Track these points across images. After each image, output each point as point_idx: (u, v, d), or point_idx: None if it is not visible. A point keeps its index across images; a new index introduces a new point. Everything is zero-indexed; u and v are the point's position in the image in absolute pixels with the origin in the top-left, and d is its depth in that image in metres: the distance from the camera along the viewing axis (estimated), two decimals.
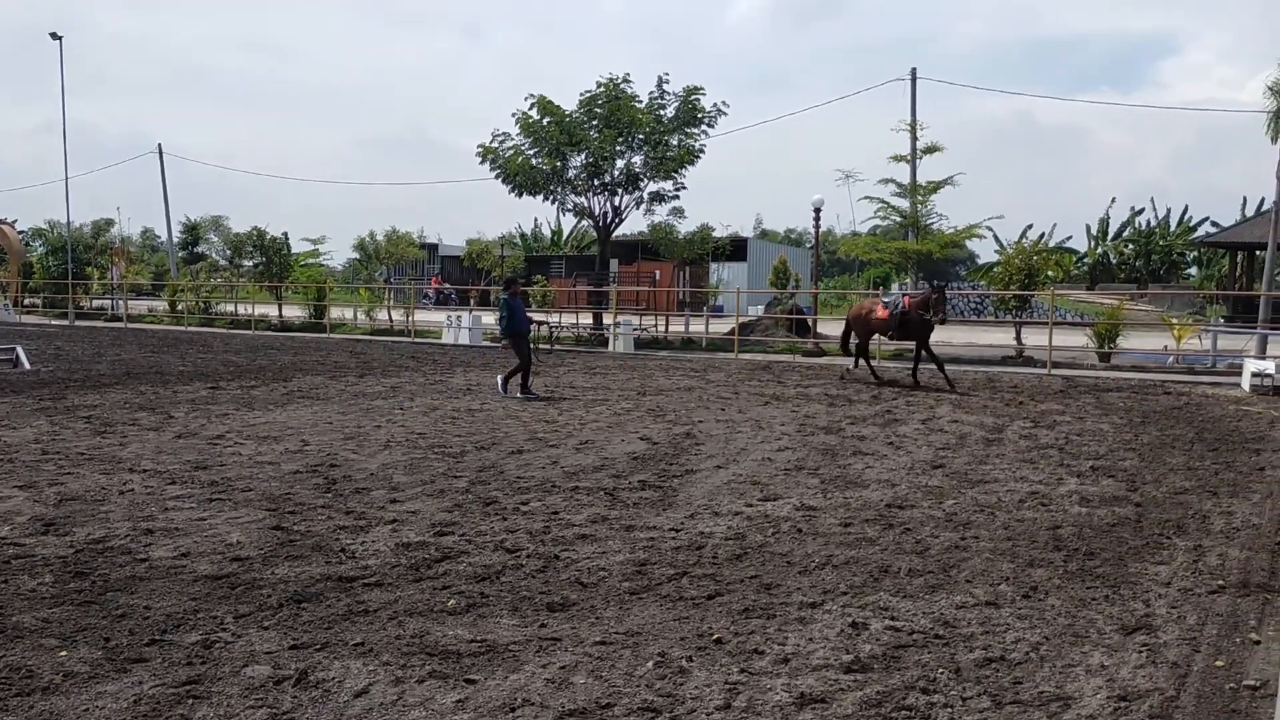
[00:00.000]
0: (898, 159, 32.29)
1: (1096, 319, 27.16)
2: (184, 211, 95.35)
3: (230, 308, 40.30)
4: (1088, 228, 62.01)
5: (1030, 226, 62.53)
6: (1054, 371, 20.91)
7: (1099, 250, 61.43)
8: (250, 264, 40.95)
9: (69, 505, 7.66)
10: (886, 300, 18.56)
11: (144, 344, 27.04)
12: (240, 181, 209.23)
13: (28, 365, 19.06)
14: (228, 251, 46.55)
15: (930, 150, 31.52)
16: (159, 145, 57.14)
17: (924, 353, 17.89)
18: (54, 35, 44.43)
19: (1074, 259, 59.28)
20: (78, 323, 39.61)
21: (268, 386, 16.49)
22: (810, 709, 4.18)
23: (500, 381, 16.06)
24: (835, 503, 8.19)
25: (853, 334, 19.48)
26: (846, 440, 11.48)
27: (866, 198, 43.28)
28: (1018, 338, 24.54)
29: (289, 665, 4.56)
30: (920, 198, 29.63)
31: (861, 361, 19.59)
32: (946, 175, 30.45)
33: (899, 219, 30.90)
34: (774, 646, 4.88)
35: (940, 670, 4.59)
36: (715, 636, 4.99)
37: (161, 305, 43.77)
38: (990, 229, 42.12)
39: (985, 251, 65.00)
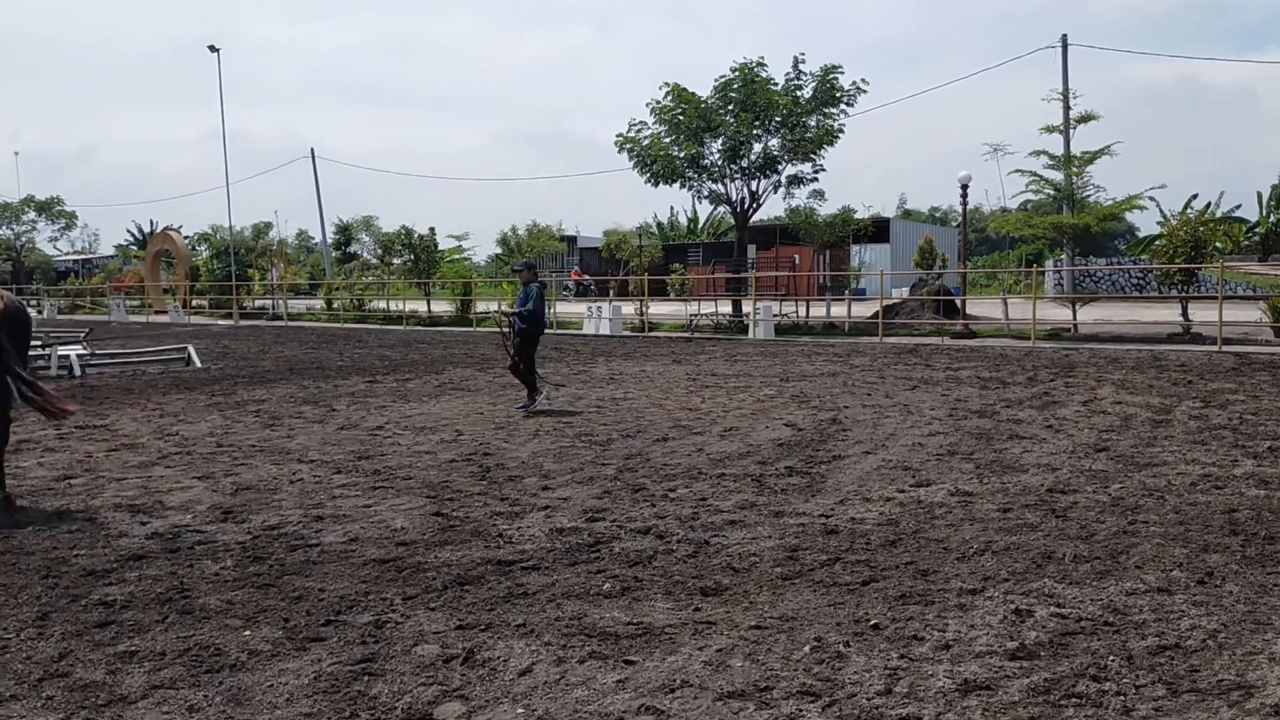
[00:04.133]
0: (1049, 130, 31.07)
1: (1271, 292, 25.50)
2: (336, 213, 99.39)
3: (382, 304, 41.86)
4: (1259, 195, 57.78)
5: (1195, 196, 58.84)
6: (1225, 349, 19.73)
7: (1271, 219, 57.49)
8: (399, 262, 42.46)
9: (244, 494, 8.13)
10: None
11: (304, 341, 28.37)
12: (387, 181, 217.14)
13: (199, 363, 20.28)
14: (378, 250, 48.40)
15: (1085, 119, 30.23)
16: (311, 150, 59.84)
17: None
18: (212, 48, 47.12)
19: (1244, 229, 55.70)
20: (242, 322, 41.78)
21: (421, 379, 17.08)
22: (975, 695, 4.08)
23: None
24: (992, 488, 7.96)
25: None
26: (1001, 424, 11.12)
27: (1017, 171, 41.53)
28: (1184, 314, 23.26)
29: (456, 645, 4.73)
30: (1075, 169, 28.41)
31: None
32: (1103, 145, 28.96)
33: (1052, 192, 29.70)
34: (934, 633, 4.79)
35: (1111, 658, 4.42)
36: (872, 622, 4.93)
37: (318, 304, 45.72)
38: (1152, 199, 39.94)
39: (1147, 224, 61.98)
